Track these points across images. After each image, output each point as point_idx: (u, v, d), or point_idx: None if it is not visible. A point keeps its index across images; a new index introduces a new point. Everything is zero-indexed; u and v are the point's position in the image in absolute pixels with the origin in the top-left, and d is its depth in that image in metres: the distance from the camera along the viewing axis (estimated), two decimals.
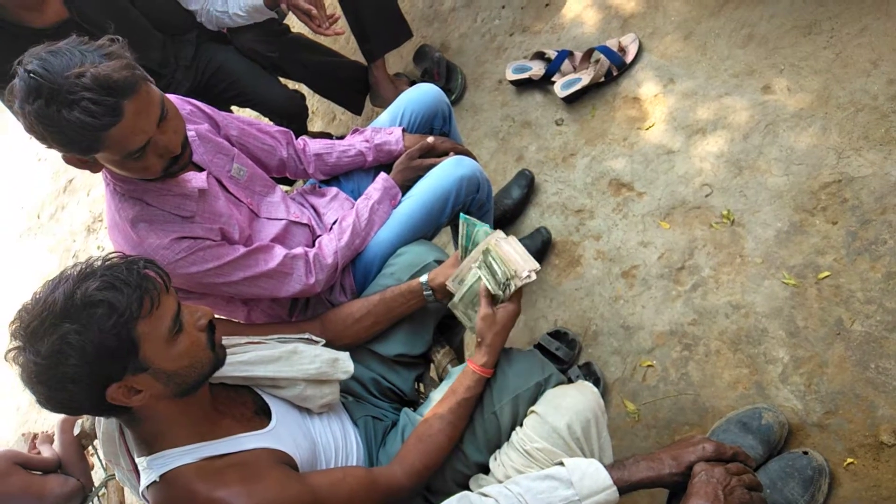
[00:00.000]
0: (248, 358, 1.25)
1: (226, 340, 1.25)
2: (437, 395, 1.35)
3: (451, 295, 1.37)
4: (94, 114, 1.07)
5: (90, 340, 0.92)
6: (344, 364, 1.33)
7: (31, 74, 1.06)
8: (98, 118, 1.08)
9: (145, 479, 1.06)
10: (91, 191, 4.15)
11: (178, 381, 1.04)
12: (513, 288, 1.25)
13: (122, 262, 0.99)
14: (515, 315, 1.28)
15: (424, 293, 1.41)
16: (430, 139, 1.68)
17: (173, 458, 1.05)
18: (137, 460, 1.09)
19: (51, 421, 3.26)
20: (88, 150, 1.15)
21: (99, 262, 0.99)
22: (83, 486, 1.68)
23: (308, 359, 1.29)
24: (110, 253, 1.02)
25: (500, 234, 1.31)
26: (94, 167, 1.23)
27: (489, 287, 1.26)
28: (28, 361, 0.93)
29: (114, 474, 2.08)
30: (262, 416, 1.22)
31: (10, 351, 0.95)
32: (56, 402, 0.97)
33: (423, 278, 1.41)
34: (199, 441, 1.08)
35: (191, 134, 1.39)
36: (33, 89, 1.07)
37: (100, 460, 2.26)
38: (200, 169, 1.40)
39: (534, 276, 1.24)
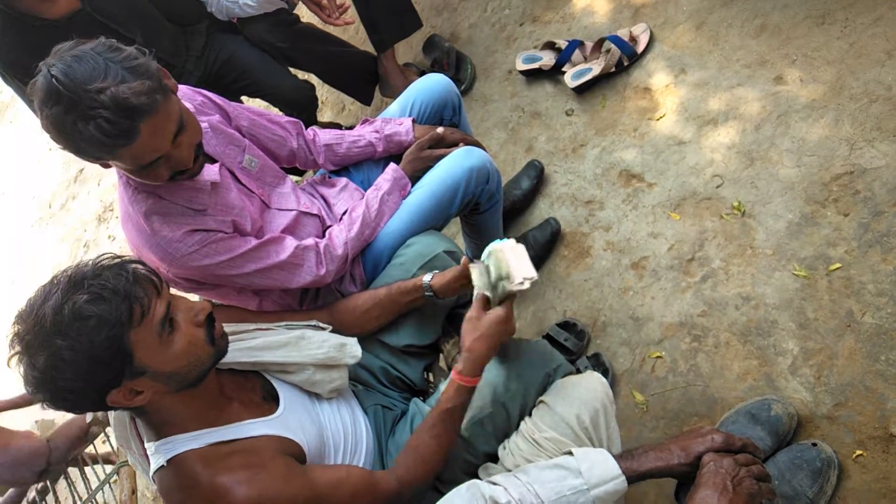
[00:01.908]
0: (257, 343, 1.26)
1: (234, 327, 1.27)
2: (444, 386, 1.36)
3: (450, 295, 1.40)
4: (108, 133, 1.07)
5: (83, 354, 0.92)
6: (351, 349, 1.34)
7: (54, 79, 1.06)
8: (112, 138, 1.08)
9: (154, 464, 1.08)
10: (102, 180, 4.17)
11: (179, 378, 1.05)
12: (500, 290, 1.20)
13: (111, 266, 0.98)
14: (502, 322, 1.20)
15: (426, 294, 1.41)
16: (440, 130, 1.68)
17: (180, 444, 1.07)
18: (147, 445, 1.11)
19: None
20: (99, 160, 1.17)
21: (89, 268, 0.98)
22: (50, 449, 1.69)
23: (316, 344, 1.30)
24: (101, 255, 1.02)
25: (511, 242, 1.26)
26: (107, 165, 1.24)
27: (477, 285, 1.24)
28: (27, 373, 0.94)
29: (126, 461, 2.10)
30: (270, 401, 1.23)
31: (11, 357, 0.97)
32: (59, 406, 0.98)
33: (427, 277, 1.41)
34: (206, 427, 1.10)
35: (203, 125, 1.39)
36: (53, 94, 1.06)
37: (111, 446, 2.29)
38: (213, 161, 1.41)
39: (527, 285, 1.17)
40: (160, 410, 1.08)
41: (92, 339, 0.92)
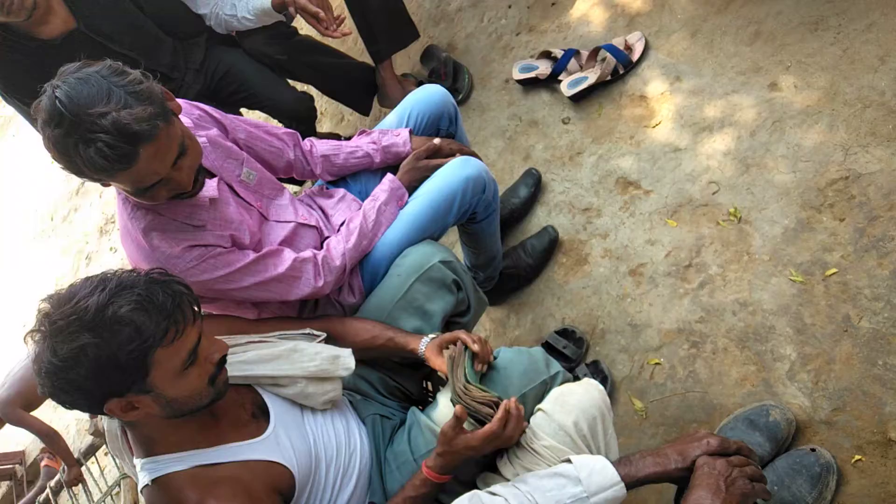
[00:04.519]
0: (248, 357, 1.27)
1: (226, 340, 1.27)
2: (442, 399, 1.36)
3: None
4: (108, 157, 1.09)
5: (106, 357, 0.94)
6: (345, 360, 1.34)
7: (57, 101, 1.08)
8: (111, 162, 1.10)
9: (141, 481, 1.10)
10: (103, 193, 4.19)
11: (176, 406, 1.06)
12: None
13: (162, 281, 1.00)
14: (473, 448, 1.18)
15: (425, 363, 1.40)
16: (437, 141, 1.70)
17: (165, 464, 1.08)
18: (135, 461, 1.13)
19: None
20: (98, 181, 1.19)
21: (141, 278, 0.99)
22: None
23: (308, 356, 1.30)
24: (152, 269, 1.03)
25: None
26: (106, 184, 1.26)
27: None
28: (43, 355, 0.95)
29: (127, 474, 2.11)
30: (260, 418, 1.23)
31: (31, 333, 0.97)
32: (56, 397, 0.99)
33: (423, 344, 1.39)
34: (192, 448, 1.10)
35: (202, 140, 1.41)
36: (55, 116, 1.08)
37: (114, 460, 2.30)
38: (211, 175, 1.42)
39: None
40: (149, 426, 1.10)
41: (121, 346, 0.94)
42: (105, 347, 0.93)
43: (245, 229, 1.42)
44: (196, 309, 1.04)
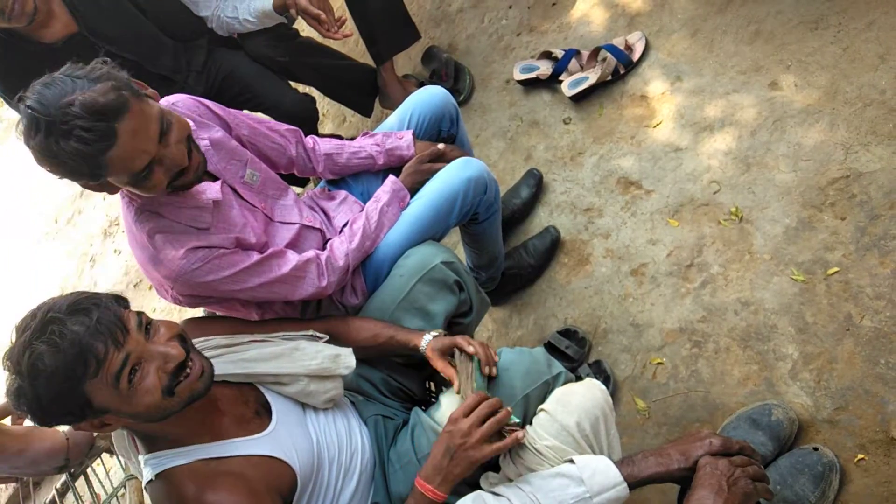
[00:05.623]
0: (250, 355, 1.28)
1: (228, 339, 1.28)
2: (445, 400, 1.37)
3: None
4: (88, 141, 1.10)
5: (40, 395, 0.96)
6: (346, 359, 1.34)
7: (29, 109, 1.10)
8: (91, 144, 1.11)
9: (145, 477, 1.11)
10: (107, 195, 4.20)
11: (143, 418, 1.06)
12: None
13: (80, 309, 0.98)
14: (454, 424, 1.18)
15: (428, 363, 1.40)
16: (441, 146, 1.71)
17: (169, 459, 1.09)
18: (139, 458, 1.14)
19: None
20: (95, 177, 1.18)
21: (63, 307, 0.98)
22: (69, 445, 1.73)
23: (310, 355, 1.31)
24: (81, 293, 1.03)
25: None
26: (112, 189, 1.26)
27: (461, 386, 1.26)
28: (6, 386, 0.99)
29: (133, 475, 2.12)
30: (263, 415, 1.23)
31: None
32: (33, 421, 1.01)
33: (424, 342, 1.39)
34: (195, 443, 1.11)
35: (204, 143, 1.41)
36: (32, 124, 1.11)
37: (119, 461, 2.31)
38: (214, 178, 1.43)
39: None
40: (150, 425, 1.10)
41: (46, 388, 0.95)
42: (37, 388, 0.95)
43: (249, 231, 1.43)
44: (122, 328, 1.01)
